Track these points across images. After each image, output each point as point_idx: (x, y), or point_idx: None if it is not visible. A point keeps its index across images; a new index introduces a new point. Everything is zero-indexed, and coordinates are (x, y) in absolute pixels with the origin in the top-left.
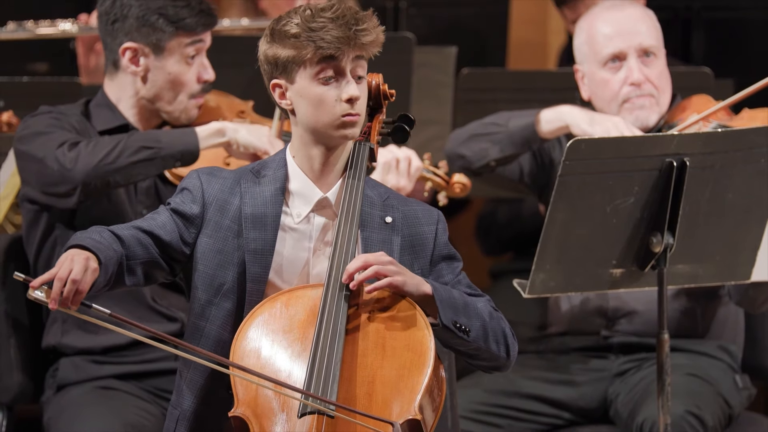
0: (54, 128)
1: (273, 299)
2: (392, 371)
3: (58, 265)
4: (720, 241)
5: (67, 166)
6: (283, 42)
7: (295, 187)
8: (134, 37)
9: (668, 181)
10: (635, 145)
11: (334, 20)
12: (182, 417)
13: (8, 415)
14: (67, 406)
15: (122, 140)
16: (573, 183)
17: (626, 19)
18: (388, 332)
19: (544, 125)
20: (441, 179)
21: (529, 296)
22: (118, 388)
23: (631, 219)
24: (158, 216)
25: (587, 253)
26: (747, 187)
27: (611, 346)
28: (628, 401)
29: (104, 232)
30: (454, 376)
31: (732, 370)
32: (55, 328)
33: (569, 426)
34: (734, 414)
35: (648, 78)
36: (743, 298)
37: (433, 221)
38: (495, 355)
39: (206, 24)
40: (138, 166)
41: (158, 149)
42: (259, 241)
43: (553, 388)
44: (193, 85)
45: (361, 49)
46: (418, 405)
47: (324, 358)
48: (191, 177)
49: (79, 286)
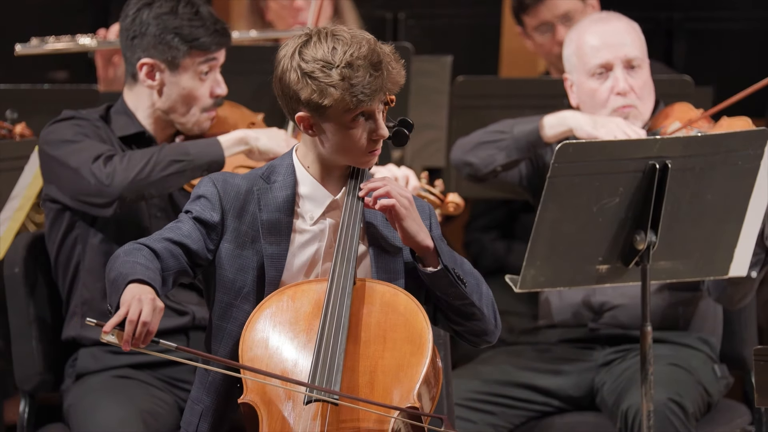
0: (82, 137)
1: (280, 293)
2: (392, 361)
3: (126, 306)
4: (700, 238)
5: (105, 182)
6: (320, 89)
7: (306, 191)
8: (151, 54)
9: (651, 182)
10: (620, 149)
11: (371, 72)
12: (205, 412)
13: (30, 403)
14: (86, 393)
15: (153, 155)
16: (562, 184)
17: (613, 31)
18: (389, 325)
19: (548, 130)
20: (436, 198)
21: (520, 291)
22: (133, 377)
23: (617, 218)
24: (183, 225)
25: (575, 250)
26: (725, 188)
27: (598, 338)
28: (613, 389)
29: (144, 251)
30: (449, 366)
31: (711, 360)
32: (74, 321)
33: (558, 413)
34: (713, 401)
35: (633, 88)
36: (722, 295)
37: (426, 216)
38: (487, 318)
39: (219, 43)
40: (170, 178)
41: (188, 162)
42: (276, 245)
43: (543, 378)
44: (205, 99)
45: (389, 89)
46: (417, 393)
47: (328, 349)
48: (206, 184)
49: (149, 328)
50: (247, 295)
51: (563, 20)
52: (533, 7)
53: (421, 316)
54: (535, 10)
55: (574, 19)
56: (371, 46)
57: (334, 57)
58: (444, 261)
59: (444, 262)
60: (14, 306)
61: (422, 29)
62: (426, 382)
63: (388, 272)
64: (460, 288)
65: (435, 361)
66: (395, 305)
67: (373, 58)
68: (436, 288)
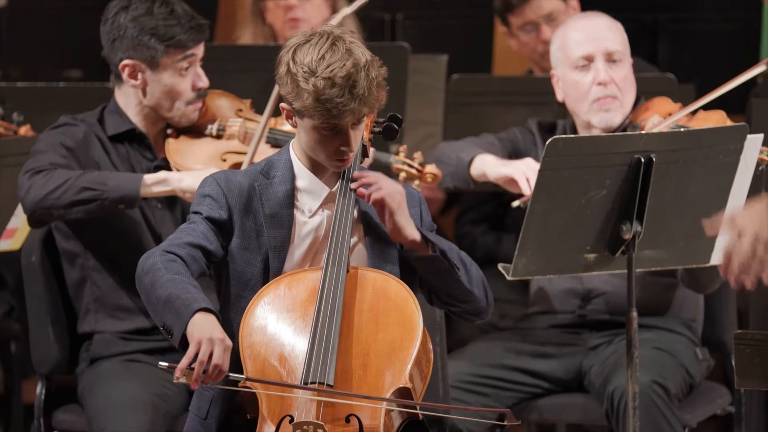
0: (49, 146)
1: (277, 281)
2: (385, 344)
3: (195, 345)
4: (683, 228)
5: (21, 194)
6: (296, 91)
7: (303, 185)
8: (131, 55)
9: (636, 175)
10: (607, 143)
11: (345, 92)
12: (216, 399)
13: (46, 385)
14: (99, 377)
15: (71, 177)
16: (552, 177)
17: (595, 26)
18: (381, 310)
19: (473, 170)
20: (415, 170)
21: (512, 279)
22: (144, 361)
23: (604, 209)
24: (197, 227)
25: (564, 239)
26: (707, 180)
27: (585, 324)
28: (600, 372)
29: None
30: (445, 350)
31: (693, 344)
32: (89, 317)
33: (548, 394)
34: (695, 383)
35: (613, 79)
36: (692, 281)
37: (416, 203)
38: (478, 298)
39: (196, 39)
40: (78, 205)
41: (101, 191)
42: (278, 238)
43: (533, 361)
44: (188, 93)
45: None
46: (408, 374)
47: (323, 334)
48: (210, 184)
49: (221, 368)
50: (254, 287)
51: (547, 20)
52: (519, 8)
53: (412, 301)
54: (521, 11)
55: (557, 19)
56: (357, 67)
57: (317, 67)
58: (433, 249)
59: (433, 250)
60: (31, 293)
61: (419, 30)
62: (417, 363)
63: (382, 259)
64: (449, 273)
65: (425, 344)
66: (387, 291)
67: (350, 81)
68: (426, 273)
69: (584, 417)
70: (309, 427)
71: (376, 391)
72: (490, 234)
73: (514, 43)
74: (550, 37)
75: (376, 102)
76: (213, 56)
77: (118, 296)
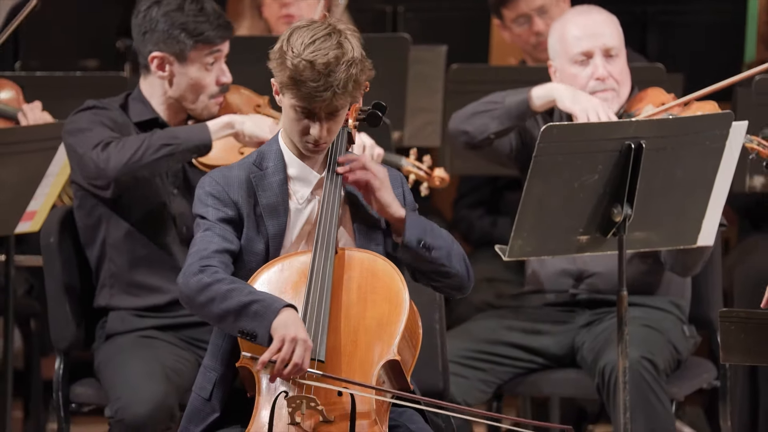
0: (94, 125)
1: (269, 265)
2: (373, 321)
3: (279, 341)
4: (671, 211)
5: (101, 165)
6: (279, 64)
7: (294, 173)
8: (161, 48)
9: (627, 160)
10: (599, 130)
11: (318, 79)
12: (219, 380)
13: (65, 360)
14: (115, 352)
15: (146, 139)
16: (546, 162)
17: (593, 23)
18: (369, 288)
19: (536, 100)
20: (424, 172)
21: (508, 259)
22: (157, 337)
23: (596, 193)
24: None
25: (558, 222)
26: (694, 165)
27: (578, 302)
28: (591, 348)
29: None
30: (444, 327)
31: (680, 321)
32: (104, 292)
33: (543, 369)
34: (682, 358)
35: (611, 74)
36: (675, 264)
37: (398, 184)
38: (460, 275)
39: (223, 36)
40: (161, 161)
41: (177, 145)
42: (276, 226)
43: (528, 338)
44: (212, 87)
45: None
46: (397, 348)
47: (314, 312)
48: (210, 184)
49: (301, 367)
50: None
51: (539, 12)
52: (512, 1)
53: (398, 278)
54: (514, 4)
55: (548, 11)
56: (339, 59)
57: (305, 49)
58: (407, 238)
59: (406, 241)
60: (50, 273)
61: (419, 21)
62: (404, 338)
63: (369, 240)
64: (427, 256)
65: (413, 318)
66: (374, 270)
67: (325, 70)
68: (408, 255)
69: (577, 391)
70: (302, 401)
71: (366, 364)
72: (486, 217)
73: (507, 35)
74: (542, 29)
75: (349, 98)
76: None
77: (134, 273)
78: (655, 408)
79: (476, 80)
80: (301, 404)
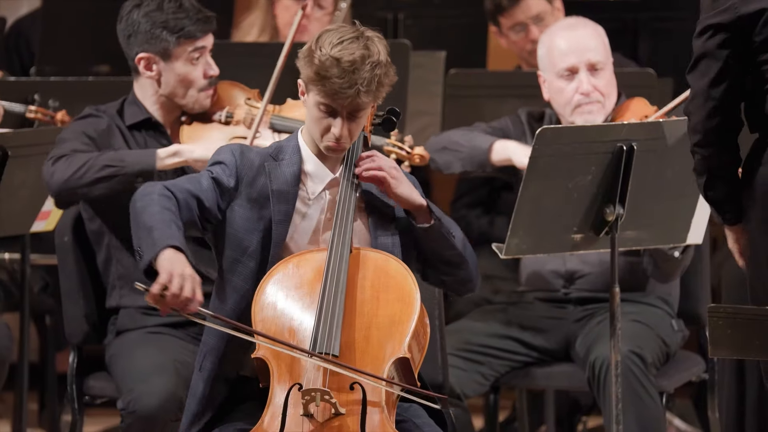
0: (72, 135)
1: (286, 261)
2: (385, 319)
3: (167, 275)
4: (661, 211)
5: (47, 179)
6: (307, 60)
7: (309, 169)
8: (145, 48)
9: (619, 162)
10: (592, 133)
11: (345, 76)
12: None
13: (78, 354)
14: (125, 347)
15: (92, 158)
16: (541, 164)
17: (579, 37)
18: (382, 287)
19: (494, 155)
20: (404, 151)
21: (505, 257)
22: (165, 333)
23: (589, 193)
24: (203, 181)
25: (553, 221)
26: (682, 167)
27: (570, 300)
28: (583, 343)
29: (173, 201)
30: (443, 322)
31: (669, 316)
32: (114, 293)
33: (538, 363)
34: (671, 352)
35: (596, 87)
36: (654, 272)
37: (416, 186)
38: (471, 266)
39: (204, 30)
40: (102, 182)
41: (121, 167)
42: (282, 212)
43: (524, 333)
44: (200, 81)
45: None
46: (407, 346)
47: (329, 309)
48: (226, 153)
49: (192, 299)
50: (253, 254)
51: (535, 21)
52: (508, 10)
53: (410, 278)
54: (511, 12)
55: (544, 20)
56: (365, 59)
57: (332, 48)
58: (435, 219)
59: (436, 216)
60: (64, 270)
61: (419, 28)
62: (415, 336)
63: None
64: (450, 239)
65: (423, 318)
66: (387, 270)
67: (350, 68)
68: (429, 240)
69: (570, 384)
70: (316, 394)
71: (377, 360)
72: (484, 217)
73: (504, 42)
74: (537, 37)
75: (374, 98)
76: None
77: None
78: (643, 400)
79: (474, 85)
80: (315, 396)
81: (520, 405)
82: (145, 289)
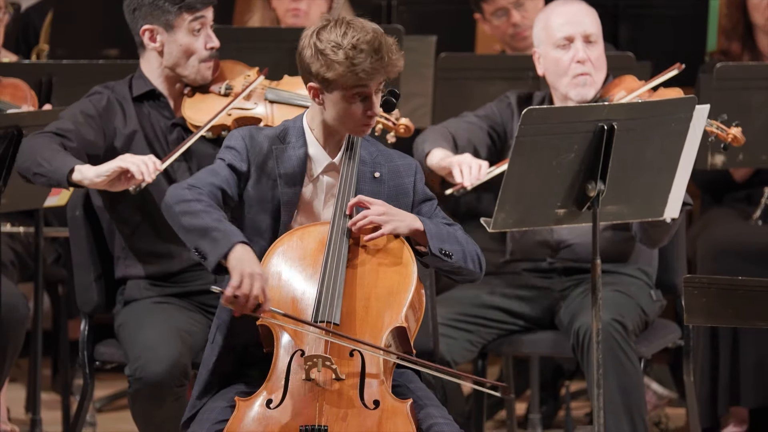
0: (66, 115)
1: (290, 234)
2: (384, 290)
3: (239, 277)
4: (640, 187)
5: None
6: (327, 64)
7: (311, 152)
8: (149, 20)
9: (600, 140)
10: (575, 113)
11: (372, 56)
12: (221, 325)
13: (89, 322)
14: (133, 316)
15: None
16: (527, 143)
17: (575, 12)
18: (381, 259)
19: (429, 161)
20: (390, 122)
21: (492, 231)
22: (171, 302)
23: (572, 170)
24: (221, 171)
25: (538, 197)
26: (660, 145)
27: (555, 270)
28: (567, 312)
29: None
30: (434, 293)
31: (648, 286)
32: (120, 264)
33: (524, 331)
34: (650, 320)
35: (589, 58)
36: (644, 237)
37: (411, 173)
38: (472, 271)
39: (204, 2)
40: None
41: (48, 169)
42: (290, 194)
43: (511, 302)
44: (202, 51)
45: (387, 77)
46: (404, 316)
47: (331, 280)
48: (236, 138)
49: (260, 300)
50: (264, 234)
51: (515, 6)
52: None
53: (408, 252)
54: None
55: (524, 5)
56: (376, 35)
57: (343, 40)
58: (432, 248)
59: (432, 251)
60: (75, 243)
61: (411, 14)
62: (411, 307)
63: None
64: (448, 261)
65: (419, 290)
66: (386, 243)
67: (375, 45)
68: (429, 261)
69: (554, 350)
70: (318, 360)
71: (376, 329)
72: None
73: (487, 28)
74: (518, 21)
75: (397, 63)
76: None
77: (144, 243)
78: (624, 365)
79: (463, 67)
80: (317, 362)
81: (507, 370)
82: (221, 292)
